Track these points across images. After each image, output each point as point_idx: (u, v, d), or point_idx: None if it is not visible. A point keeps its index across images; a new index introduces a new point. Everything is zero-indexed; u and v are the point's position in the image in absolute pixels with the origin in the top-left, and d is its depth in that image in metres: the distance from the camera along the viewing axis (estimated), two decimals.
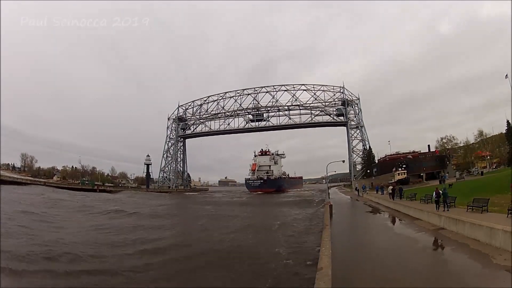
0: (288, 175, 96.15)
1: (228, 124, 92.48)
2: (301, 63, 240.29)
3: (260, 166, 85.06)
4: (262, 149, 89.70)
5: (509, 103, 35.63)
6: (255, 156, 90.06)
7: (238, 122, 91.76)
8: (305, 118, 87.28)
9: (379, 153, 73.74)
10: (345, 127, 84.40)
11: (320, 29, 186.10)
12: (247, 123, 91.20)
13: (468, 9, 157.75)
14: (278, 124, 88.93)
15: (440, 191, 14.61)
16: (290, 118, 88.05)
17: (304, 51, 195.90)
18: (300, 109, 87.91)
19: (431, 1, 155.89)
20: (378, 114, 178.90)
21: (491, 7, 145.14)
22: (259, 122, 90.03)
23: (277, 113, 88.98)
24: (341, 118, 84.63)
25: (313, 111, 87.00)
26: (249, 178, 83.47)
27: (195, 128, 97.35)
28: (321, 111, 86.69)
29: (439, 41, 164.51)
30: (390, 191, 26.41)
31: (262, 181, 79.95)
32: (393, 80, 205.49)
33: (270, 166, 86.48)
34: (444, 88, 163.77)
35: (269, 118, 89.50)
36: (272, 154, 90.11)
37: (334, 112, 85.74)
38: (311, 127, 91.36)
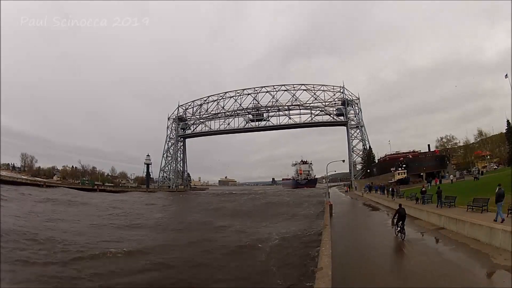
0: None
1: (228, 124, 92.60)
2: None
3: (303, 171, 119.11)
4: (302, 160, 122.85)
5: None
6: (294, 164, 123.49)
7: (238, 122, 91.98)
8: (305, 118, 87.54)
9: (379, 153, 73.98)
10: (345, 127, 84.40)
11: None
12: (247, 123, 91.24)
13: (402, 61, 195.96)
14: (278, 124, 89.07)
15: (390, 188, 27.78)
16: (290, 118, 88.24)
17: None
18: (300, 109, 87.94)
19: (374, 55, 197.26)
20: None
21: (418, 59, 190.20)
22: (259, 122, 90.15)
23: (277, 113, 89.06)
24: (341, 117, 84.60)
25: (313, 111, 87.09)
26: (298, 178, 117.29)
27: (195, 128, 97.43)
28: (321, 110, 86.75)
29: (385, 84, 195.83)
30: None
31: (306, 180, 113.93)
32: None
33: (309, 171, 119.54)
34: (405, 113, 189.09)
35: (269, 118, 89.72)
36: (308, 162, 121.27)
37: (334, 112, 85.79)
38: (311, 126, 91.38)
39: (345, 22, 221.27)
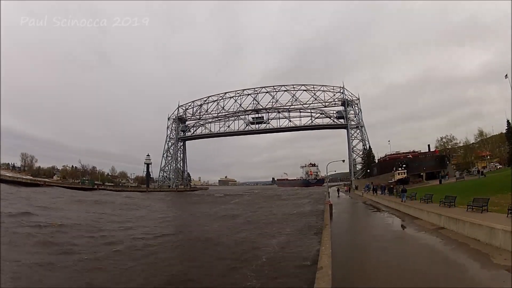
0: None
1: (228, 127, 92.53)
2: None
3: (313, 172, 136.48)
4: (310, 163, 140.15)
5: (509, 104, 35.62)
6: (303, 166, 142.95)
7: (238, 124, 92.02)
8: (305, 121, 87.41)
9: (379, 153, 74.03)
10: (345, 129, 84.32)
11: None
12: (247, 125, 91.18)
13: (380, 79, 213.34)
14: (278, 126, 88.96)
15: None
16: (290, 121, 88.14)
17: None
18: (300, 111, 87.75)
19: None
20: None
21: (396, 77, 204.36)
22: (259, 125, 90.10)
23: (277, 115, 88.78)
24: (341, 120, 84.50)
25: (313, 113, 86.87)
26: (309, 178, 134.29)
27: (195, 130, 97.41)
28: (321, 113, 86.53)
29: (369, 98, 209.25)
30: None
31: (316, 180, 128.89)
32: None
33: (317, 172, 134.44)
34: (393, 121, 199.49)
35: (269, 120, 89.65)
36: (316, 165, 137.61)
37: (335, 115, 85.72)
38: (312, 129, 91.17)
39: (322, 56, 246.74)
